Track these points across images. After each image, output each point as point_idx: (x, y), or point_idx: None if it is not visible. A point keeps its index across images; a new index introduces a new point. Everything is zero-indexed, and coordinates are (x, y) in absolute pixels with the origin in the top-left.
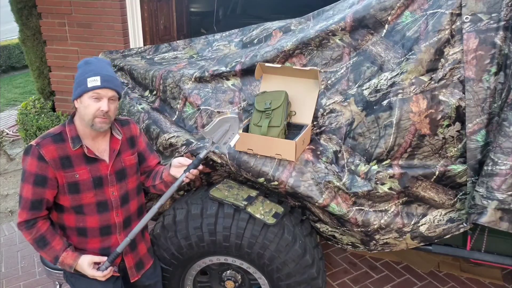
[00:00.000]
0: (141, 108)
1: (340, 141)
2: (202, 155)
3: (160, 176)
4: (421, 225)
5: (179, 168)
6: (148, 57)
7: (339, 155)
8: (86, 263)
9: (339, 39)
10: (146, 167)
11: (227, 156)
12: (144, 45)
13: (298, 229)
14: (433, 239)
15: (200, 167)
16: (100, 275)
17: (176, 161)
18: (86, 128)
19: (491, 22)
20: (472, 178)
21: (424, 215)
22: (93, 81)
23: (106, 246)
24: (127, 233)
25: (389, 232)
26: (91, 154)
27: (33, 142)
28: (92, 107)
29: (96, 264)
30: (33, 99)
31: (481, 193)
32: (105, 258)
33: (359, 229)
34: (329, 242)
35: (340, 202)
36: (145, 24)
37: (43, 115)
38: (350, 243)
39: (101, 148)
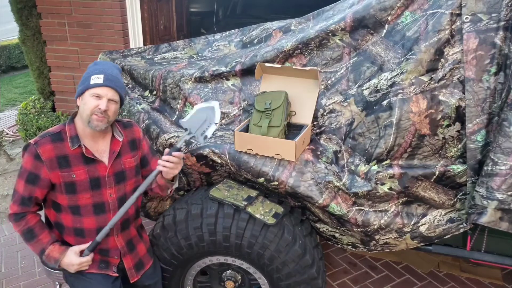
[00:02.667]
0: (141, 108)
1: (340, 141)
2: (178, 144)
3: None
4: (421, 225)
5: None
6: (148, 57)
7: (339, 155)
8: (73, 252)
9: (339, 39)
10: (148, 171)
11: (227, 156)
12: (144, 45)
13: (298, 229)
14: (433, 239)
15: (177, 154)
16: (84, 260)
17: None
18: (86, 127)
19: (491, 22)
20: (472, 178)
21: (424, 215)
22: (96, 78)
23: (104, 247)
24: (125, 235)
25: (389, 232)
26: (89, 154)
27: (32, 141)
28: (91, 103)
29: (82, 252)
30: (33, 99)
31: (481, 193)
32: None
33: (359, 229)
34: (329, 242)
35: (340, 202)
36: (145, 24)
37: (43, 115)
38: (350, 243)
39: (101, 149)
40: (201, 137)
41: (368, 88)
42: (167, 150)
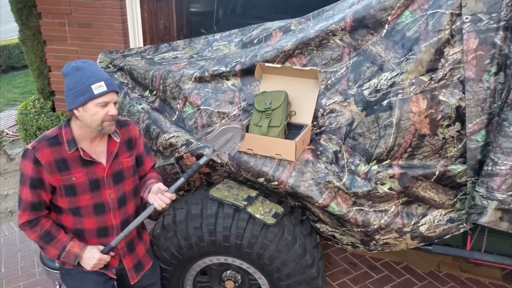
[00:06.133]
0: (141, 108)
1: (340, 141)
2: (202, 161)
3: (143, 191)
4: (421, 225)
5: (157, 195)
6: (148, 57)
7: (339, 155)
8: (96, 248)
9: (339, 39)
10: (141, 171)
11: (227, 156)
12: (144, 45)
13: (298, 229)
14: (433, 239)
15: (173, 196)
16: (104, 256)
17: (156, 187)
18: (87, 132)
19: (491, 22)
20: (472, 178)
21: (424, 215)
22: (99, 87)
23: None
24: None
25: (389, 232)
26: (87, 157)
27: (29, 146)
28: (101, 113)
29: None
30: (33, 99)
31: (481, 193)
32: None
33: (359, 229)
34: (329, 242)
35: (340, 202)
36: (145, 24)
37: (43, 115)
38: (350, 243)
39: (98, 151)
40: (224, 155)
41: (368, 88)
42: (164, 186)
